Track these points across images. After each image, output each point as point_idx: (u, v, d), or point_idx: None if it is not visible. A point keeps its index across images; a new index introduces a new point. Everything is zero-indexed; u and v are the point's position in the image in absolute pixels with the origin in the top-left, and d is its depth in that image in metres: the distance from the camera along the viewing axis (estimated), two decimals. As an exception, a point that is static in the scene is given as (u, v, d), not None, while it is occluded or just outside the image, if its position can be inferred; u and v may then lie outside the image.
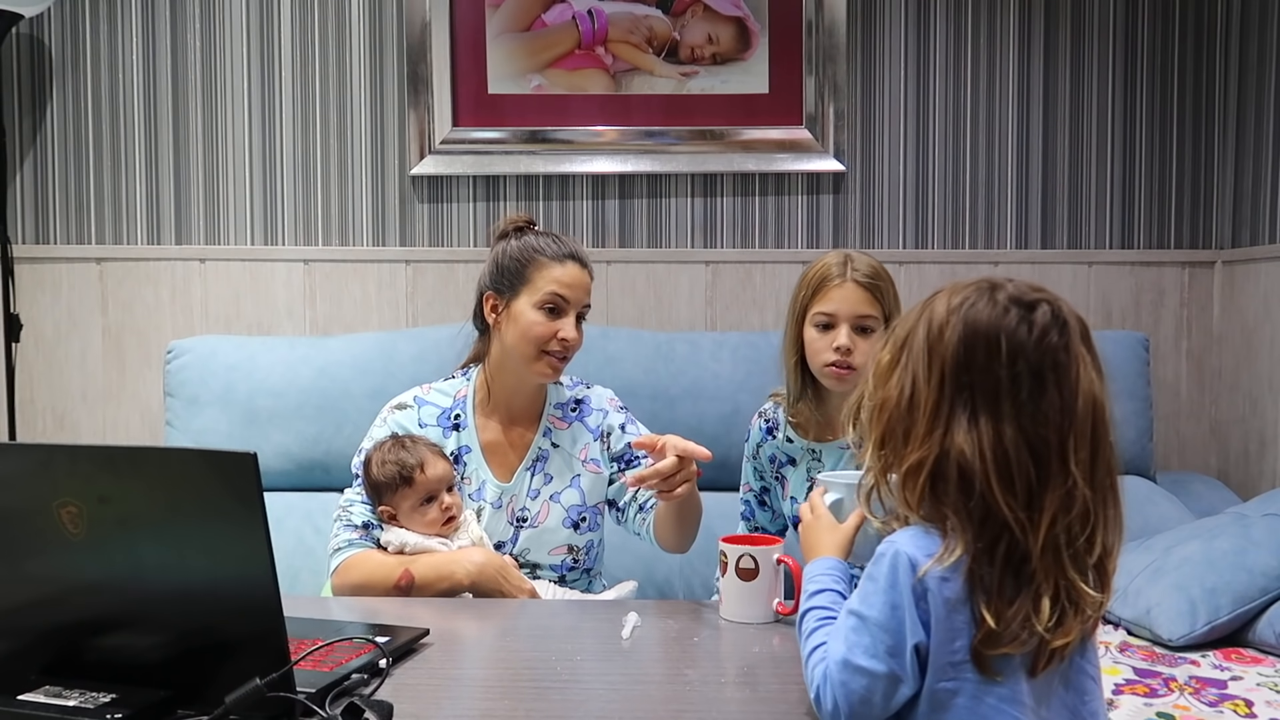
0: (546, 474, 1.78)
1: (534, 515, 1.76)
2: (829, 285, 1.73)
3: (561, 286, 1.72)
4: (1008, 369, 0.97)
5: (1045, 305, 1.00)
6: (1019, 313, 0.99)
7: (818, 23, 2.63)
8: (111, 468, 1.04)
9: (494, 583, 1.59)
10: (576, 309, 1.75)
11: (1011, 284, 1.02)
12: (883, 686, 0.97)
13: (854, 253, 1.78)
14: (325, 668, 1.10)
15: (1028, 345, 0.98)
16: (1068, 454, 0.97)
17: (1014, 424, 0.97)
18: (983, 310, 1.00)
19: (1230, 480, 2.63)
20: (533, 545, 1.75)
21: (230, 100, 2.66)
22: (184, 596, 1.02)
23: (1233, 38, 2.66)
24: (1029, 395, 0.97)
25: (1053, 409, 0.97)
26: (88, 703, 1.01)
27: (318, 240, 2.68)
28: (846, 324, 1.71)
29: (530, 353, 1.72)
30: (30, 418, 2.66)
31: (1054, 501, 0.96)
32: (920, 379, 1.01)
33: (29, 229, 2.66)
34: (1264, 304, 2.52)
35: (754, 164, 2.66)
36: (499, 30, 2.64)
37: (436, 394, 1.83)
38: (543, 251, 1.74)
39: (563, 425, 1.81)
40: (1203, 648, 1.84)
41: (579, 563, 1.78)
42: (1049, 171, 2.70)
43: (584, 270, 1.76)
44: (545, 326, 1.71)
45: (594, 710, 1.08)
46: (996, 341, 0.98)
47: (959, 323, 1.00)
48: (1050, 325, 0.99)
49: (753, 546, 1.38)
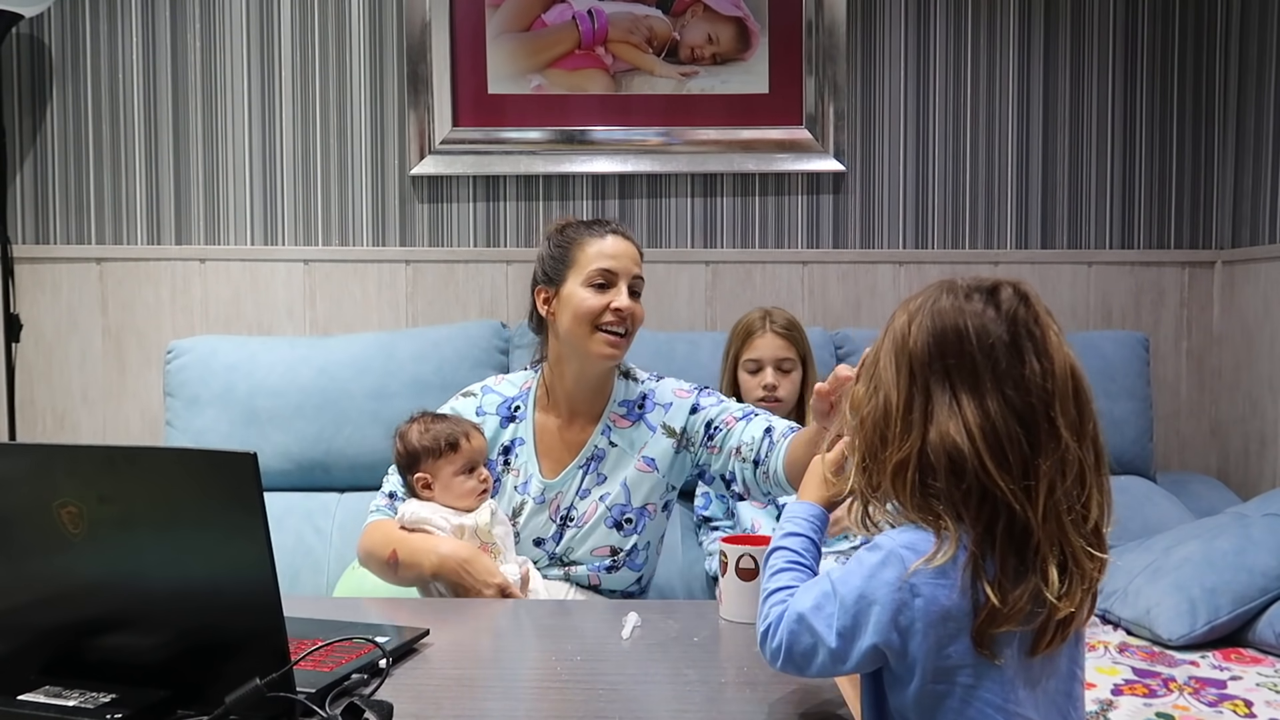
0: (600, 474, 1.74)
1: (580, 515, 1.73)
2: (754, 337, 2.20)
3: (605, 259, 1.70)
4: (981, 347, 0.97)
5: (1007, 286, 1.00)
6: (982, 297, 0.99)
7: (818, 23, 2.63)
8: (111, 468, 1.04)
9: (455, 575, 1.55)
10: (626, 279, 1.71)
11: (968, 278, 1.03)
12: (824, 656, 0.98)
13: (773, 309, 2.25)
14: (325, 668, 1.10)
15: (998, 323, 0.98)
16: (1055, 417, 0.96)
17: (997, 397, 0.96)
18: (946, 303, 1.00)
19: (1230, 480, 2.63)
20: (575, 544, 1.72)
21: (230, 100, 2.66)
22: (184, 596, 1.01)
23: (1233, 38, 2.66)
24: (1007, 366, 0.97)
25: (1034, 375, 0.96)
26: (88, 703, 1.00)
27: (318, 240, 2.68)
28: (770, 366, 2.18)
29: (585, 331, 1.69)
30: (30, 418, 2.66)
31: (1049, 468, 0.95)
32: (889, 384, 1.00)
33: (29, 229, 2.66)
34: (1264, 304, 2.52)
35: (754, 164, 2.66)
36: (499, 30, 2.64)
37: (506, 384, 1.83)
38: (582, 233, 1.73)
39: (625, 424, 1.77)
40: (1202, 648, 1.84)
41: (619, 564, 1.73)
42: (1049, 171, 2.70)
43: (626, 241, 1.73)
44: (597, 300, 1.68)
45: (594, 710, 1.08)
46: (965, 326, 0.98)
47: (924, 319, 1.00)
48: (1015, 302, 0.99)
49: (753, 546, 1.38)
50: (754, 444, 1.66)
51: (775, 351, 2.18)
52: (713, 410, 1.75)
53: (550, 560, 1.74)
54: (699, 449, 1.75)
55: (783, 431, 1.65)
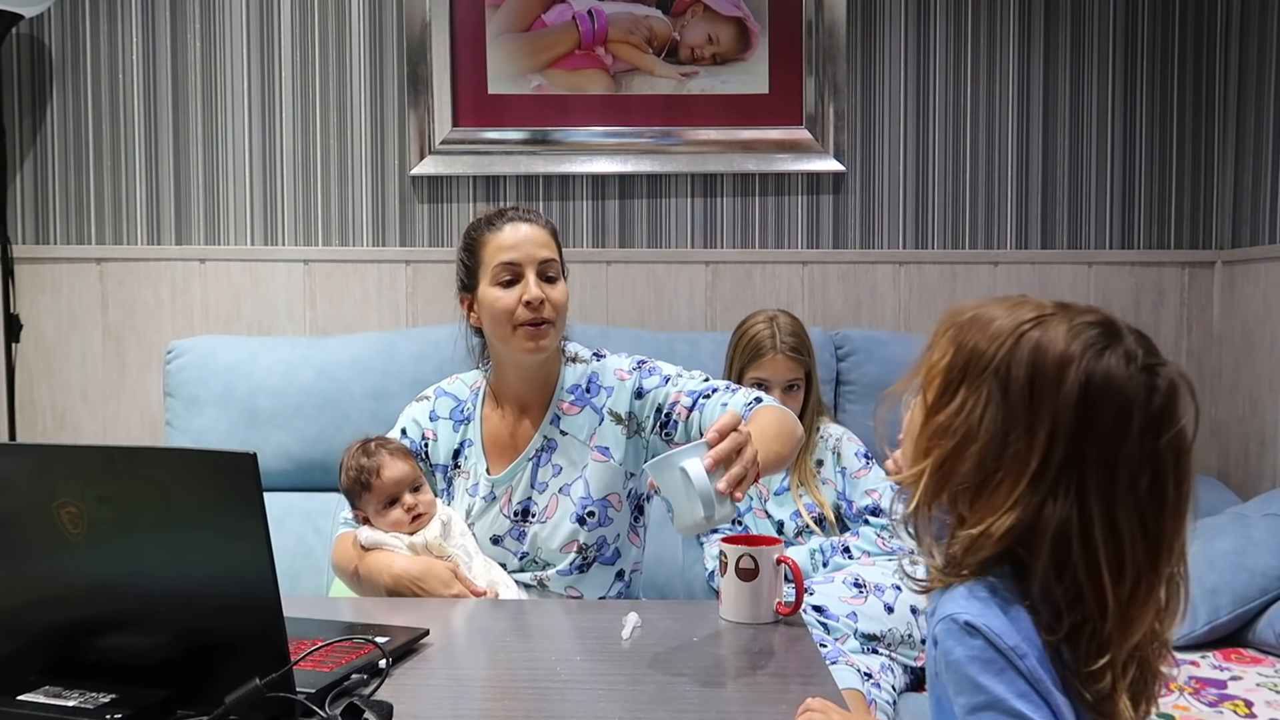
0: (555, 465, 1.69)
1: (542, 510, 1.68)
2: (762, 358, 2.09)
3: (505, 251, 1.64)
4: (1136, 447, 0.84)
5: (1162, 370, 0.86)
6: (1145, 379, 0.85)
7: (818, 23, 2.63)
8: (111, 468, 1.04)
9: (410, 592, 1.55)
10: (532, 267, 1.63)
11: (1127, 332, 0.88)
12: None
13: (779, 314, 2.13)
14: (325, 668, 1.10)
15: (1157, 422, 0.84)
16: (1174, 546, 0.86)
17: (1128, 505, 0.84)
18: (1114, 366, 0.84)
19: (1230, 480, 2.63)
20: (542, 543, 1.68)
21: (230, 100, 2.66)
22: (184, 596, 1.01)
23: (1233, 38, 2.66)
24: (1149, 483, 0.84)
25: (1169, 499, 0.85)
26: (87, 703, 1.00)
27: (318, 240, 2.68)
28: (778, 388, 2.08)
29: (506, 332, 1.64)
30: (30, 418, 2.66)
31: (1151, 600, 0.85)
32: (1019, 424, 0.85)
33: (29, 229, 2.66)
34: (1264, 304, 2.52)
35: (754, 164, 2.66)
36: (499, 30, 2.64)
37: (459, 384, 1.80)
38: (481, 229, 1.68)
39: (574, 410, 1.70)
40: (1203, 648, 1.84)
41: (590, 560, 1.68)
42: (1049, 171, 2.70)
43: (525, 224, 1.66)
44: (507, 297, 1.63)
45: (594, 710, 1.08)
46: (1127, 411, 0.84)
47: (1082, 374, 0.84)
48: (1175, 397, 0.85)
49: (753, 547, 1.38)
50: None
51: (784, 375, 2.09)
52: (659, 393, 1.67)
53: (520, 563, 1.70)
54: (652, 436, 1.68)
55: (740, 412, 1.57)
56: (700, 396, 1.64)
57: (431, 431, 1.76)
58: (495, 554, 1.70)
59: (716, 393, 1.64)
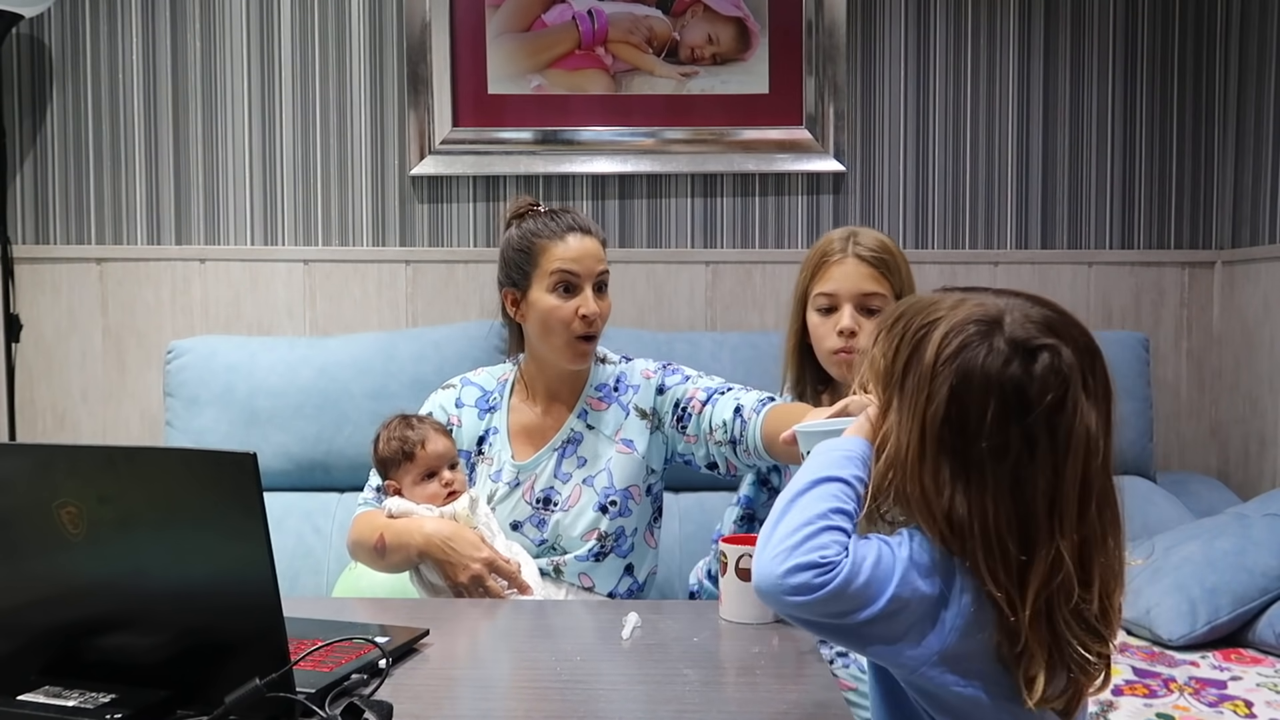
0: (580, 457, 1.76)
1: (565, 499, 1.74)
2: (829, 263, 1.64)
3: (567, 262, 1.70)
4: (996, 437, 0.91)
5: (1045, 354, 0.92)
6: (1020, 363, 0.91)
7: (818, 23, 2.63)
8: (111, 468, 1.04)
9: (440, 552, 1.57)
10: (590, 280, 1.71)
11: (1015, 318, 0.94)
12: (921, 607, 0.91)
13: (861, 228, 1.67)
14: (325, 668, 1.10)
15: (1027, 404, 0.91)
16: (1054, 521, 0.91)
17: (998, 496, 0.91)
18: (979, 361, 0.92)
19: (1230, 480, 2.63)
20: (564, 530, 1.73)
21: (230, 100, 2.66)
22: (184, 596, 1.01)
23: (1233, 38, 2.66)
24: (1015, 462, 0.91)
25: (1044, 472, 0.91)
26: (87, 703, 1.00)
27: (318, 240, 2.68)
28: (850, 304, 1.62)
29: (555, 339, 1.71)
30: (30, 418, 2.66)
31: (1040, 573, 0.91)
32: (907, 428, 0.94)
33: (29, 229, 2.66)
34: (1264, 304, 2.52)
35: (754, 164, 2.66)
36: (499, 30, 2.64)
37: (486, 375, 1.85)
38: (541, 233, 1.73)
39: (601, 406, 1.78)
40: (1202, 648, 1.84)
41: (606, 549, 1.73)
42: (1049, 171, 2.70)
43: (587, 237, 1.73)
44: (564, 308, 1.69)
45: (594, 710, 1.08)
46: (987, 399, 0.91)
47: (950, 374, 0.92)
48: (1049, 378, 0.91)
49: (753, 547, 1.37)
50: (726, 426, 1.66)
51: (857, 284, 1.62)
52: (678, 389, 1.75)
53: (538, 549, 1.74)
54: (670, 430, 1.75)
55: (753, 407, 1.64)
56: (715, 393, 1.72)
57: (456, 418, 1.80)
58: (510, 537, 1.74)
59: (731, 391, 1.71)
